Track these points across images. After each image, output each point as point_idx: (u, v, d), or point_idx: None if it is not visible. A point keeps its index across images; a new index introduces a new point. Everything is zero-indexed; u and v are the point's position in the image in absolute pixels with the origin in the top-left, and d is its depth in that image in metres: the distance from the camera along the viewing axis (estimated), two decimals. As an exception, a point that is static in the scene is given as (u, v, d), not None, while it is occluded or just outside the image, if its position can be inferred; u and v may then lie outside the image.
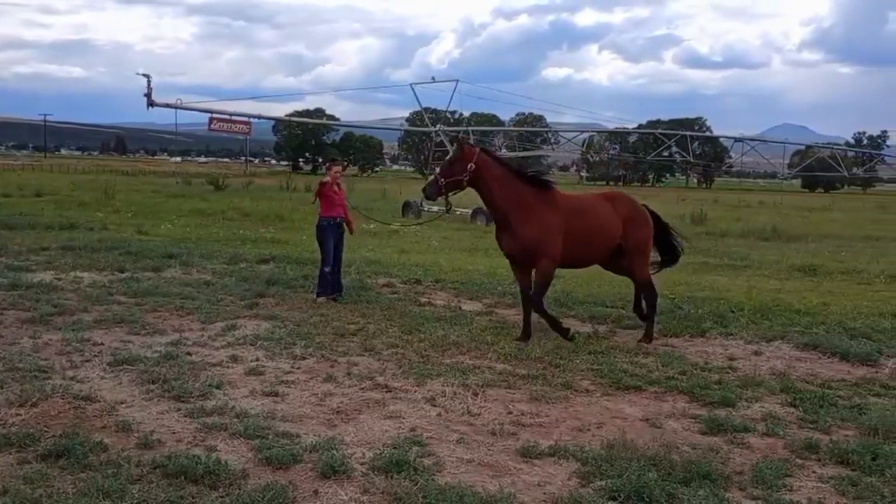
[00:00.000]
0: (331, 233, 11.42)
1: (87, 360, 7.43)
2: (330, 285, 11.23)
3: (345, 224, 11.63)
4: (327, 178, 11.56)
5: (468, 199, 32.84)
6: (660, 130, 69.99)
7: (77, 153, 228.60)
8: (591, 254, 9.64)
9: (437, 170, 9.72)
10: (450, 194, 9.54)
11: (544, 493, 4.84)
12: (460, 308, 10.97)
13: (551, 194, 9.36)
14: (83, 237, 17.03)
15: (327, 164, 12.68)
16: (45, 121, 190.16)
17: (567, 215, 9.24)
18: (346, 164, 12.61)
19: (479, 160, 9.12)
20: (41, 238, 16.64)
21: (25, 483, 4.61)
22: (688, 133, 56.34)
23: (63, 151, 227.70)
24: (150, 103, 26.58)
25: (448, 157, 9.56)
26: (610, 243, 9.52)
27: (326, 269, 11.27)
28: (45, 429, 5.51)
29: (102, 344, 8.05)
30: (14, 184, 41.96)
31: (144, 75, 26.21)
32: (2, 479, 4.67)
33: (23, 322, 8.85)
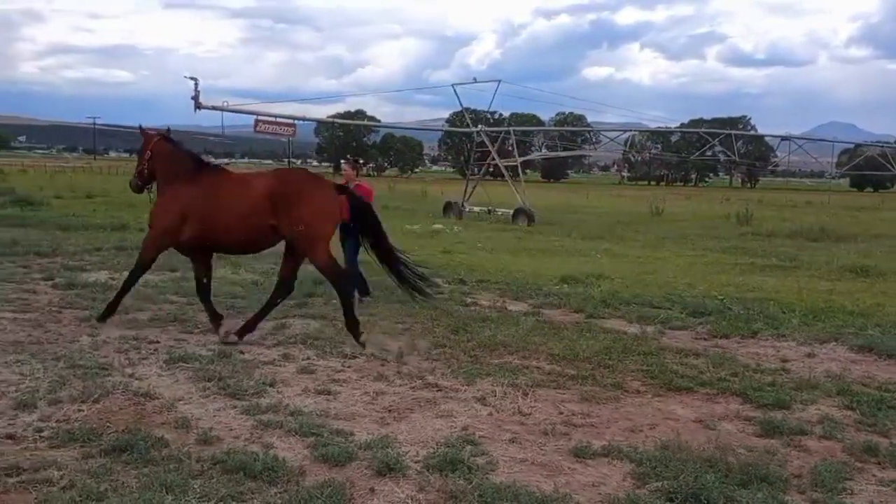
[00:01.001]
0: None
1: (144, 358, 7.59)
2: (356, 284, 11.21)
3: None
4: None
5: (512, 199, 32.74)
6: (703, 129, 69.26)
7: (125, 155, 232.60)
8: (225, 235, 8.52)
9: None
10: (148, 187, 9.11)
11: (600, 494, 4.84)
12: (506, 308, 10.97)
13: (200, 175, 8.70)
14: (135, 237, 17.32)
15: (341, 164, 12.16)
16: (94, 124, 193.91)
17: (201, 195, 8.47)
18: (357, 161, 11.80)
19: (155, 147, 8.82)
20: (94, 238, 17.00)
21: (91, 477, 4.73)
22: (733, 132, 55.50)
23: (111, 154, 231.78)
24: (198, 106, 26.91)
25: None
26: (247, 224, 8.34)
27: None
28: (108, 424, 5.64)
29: (158, 342, 8.22)
30: (66, 186, 42.92)
31: (192, 78, 26.54)
32: (68, 473, 4.79)
33: (81, 321, 9.05)
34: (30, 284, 11.21)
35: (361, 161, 12.47)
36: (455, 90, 36.27)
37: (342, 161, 12.29)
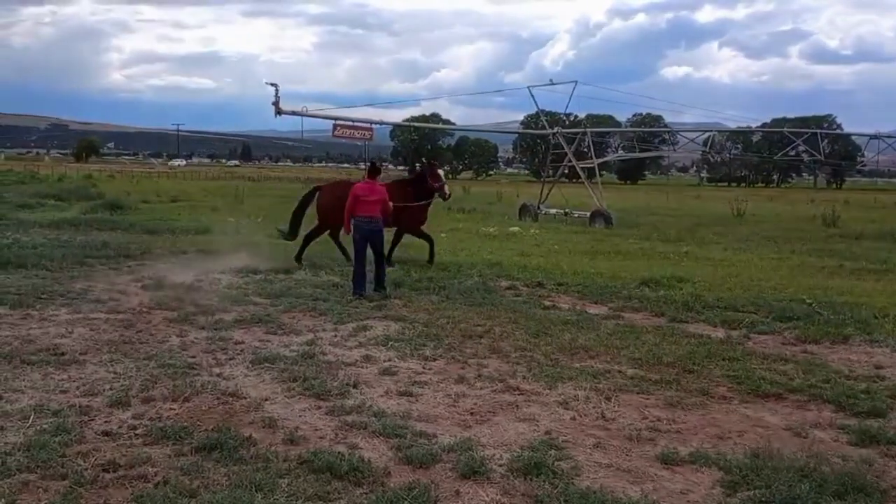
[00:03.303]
0: None
1: (230, 358, 7.78)
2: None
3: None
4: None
5: (589, 202, 32.32)
6: (787, 129, 67.23)
7: (206, 161, 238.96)
8: None
9: None
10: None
11: (689, 502, 4.74)
12: (586, 311, 10.85)
13: None
14: (218, 241, 17.80)
15: (379, 171, 12.74)
16: (178, 130, 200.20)
17: None
18: (374, 164, 12.91)
19: None
20: (179, 241, 17.51)
21: (183, 474, 4.87)
22: (819, 131, 53.76)
23: (194, 159, 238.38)
24: (278, 111, 27.30)
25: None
26: None
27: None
28: (198, 423, 5.80)
29: (243, 343, 8.42)
30: (152, 190, 44.35)
31: (272, 85, 26.91)
32: (162, 470, 4.94)
33: (170, 321, 9.34)
34: (120, 285, 11.62)
35: (379, 164, 13.30)
36: (531, 92, 36.10)
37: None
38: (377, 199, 11.82)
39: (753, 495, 4.72)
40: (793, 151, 53.55)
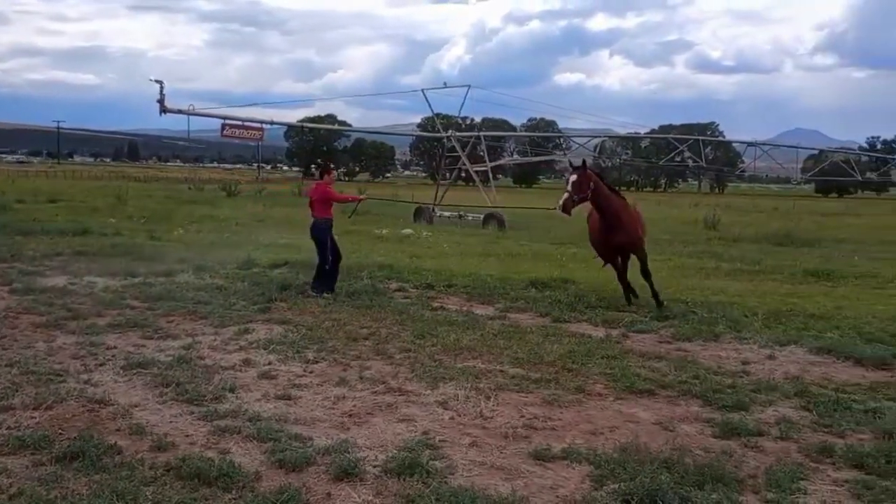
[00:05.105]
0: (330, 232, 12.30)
1: (101, 364, 7.49)
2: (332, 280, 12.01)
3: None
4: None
5: (484, 205, 32.68)
6: (672, 135, 69.77)
7: (90, 160, 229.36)
8: None
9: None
10: None
11: (557, 496, 4.83)
12: (473, 312, 10.95)
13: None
14: (96, 242, 17.13)
15: (327, 170, 12.99)
16: (58, 128, 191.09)
17: None
18: (317, 165, 13.45)
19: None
20: (55, 243, 16.74)
21: (40, 484, 4.66)
22: (700, 138, 56.08)
23: (76, 158, 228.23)
24: (163, 109, 26.57)
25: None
26: None
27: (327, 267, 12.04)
28: (60, 431, 5.56)
29: (116, 348, 8.11)
30: (28, 190, 42.24)
31: (157, 81, 26.18)
32: (17, 481, 4.71)
33: (37, 326, 8.92)
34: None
35: (327, 164, 13.51)
36: (425, 95, 36.27)
37: (328, 168, 13.23)
38: (318, 198, 12.30)
39: (619, 488, 4.86)
40: (678, 157, 55.54)
